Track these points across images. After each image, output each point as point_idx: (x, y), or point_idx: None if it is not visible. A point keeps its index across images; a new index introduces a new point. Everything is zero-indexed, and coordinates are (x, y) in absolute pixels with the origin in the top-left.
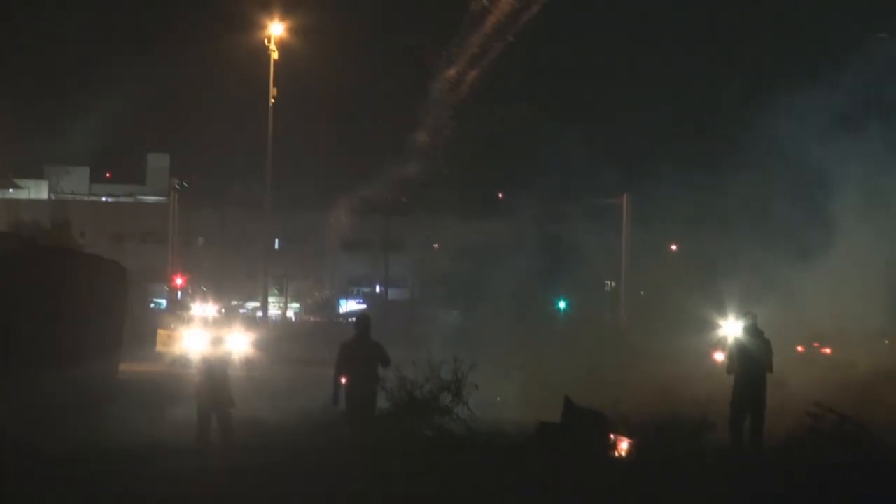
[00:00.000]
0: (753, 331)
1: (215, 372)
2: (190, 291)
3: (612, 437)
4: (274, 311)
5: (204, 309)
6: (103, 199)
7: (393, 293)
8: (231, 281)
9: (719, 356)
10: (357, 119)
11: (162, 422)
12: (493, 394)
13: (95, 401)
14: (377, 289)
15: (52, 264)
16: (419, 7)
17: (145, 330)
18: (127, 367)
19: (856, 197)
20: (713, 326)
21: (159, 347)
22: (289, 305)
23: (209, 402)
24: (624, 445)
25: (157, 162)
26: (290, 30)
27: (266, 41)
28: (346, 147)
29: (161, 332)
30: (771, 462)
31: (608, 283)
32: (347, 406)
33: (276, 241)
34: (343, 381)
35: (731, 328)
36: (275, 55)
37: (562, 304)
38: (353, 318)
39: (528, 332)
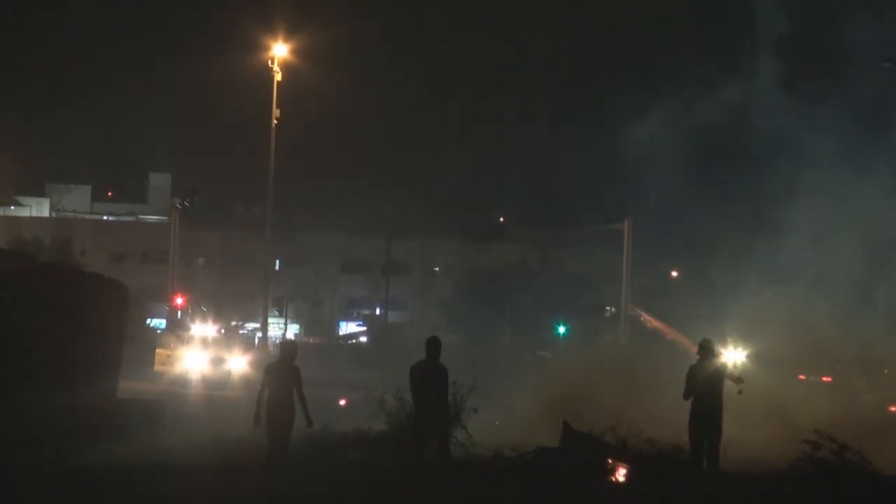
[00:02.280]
0: (709, 356)
1: (283, 392)
2: (190, 311)
3: (610, 462)
4: (274, 331)
5: (203, 329)
6: (104, 217)
7: (393, 316)
8: (231, 301)
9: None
10: (359, 141)
11: (161, 441)
12: (492, 417)
13: (94, 420)
14: (377, 311)
15: (52, 283)
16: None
17: (145, 349)
18: (126, 387)
19: (862, 223)
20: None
21: (157, 367)
22: (288, 326)
23: (278, 421)
24: (622, 471)
25: (159, 181)
26: (294, 51)
27: (269, 62)
28: (348, 169)
29: (160, 352)
30: (768, 489)
31: (608, 308)
32: (415, 427)
33: (277, 262)
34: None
35: (731, 355)
36: (278, 76)
37: (561, 329)
38: (426, 340)
39: (528, 356)
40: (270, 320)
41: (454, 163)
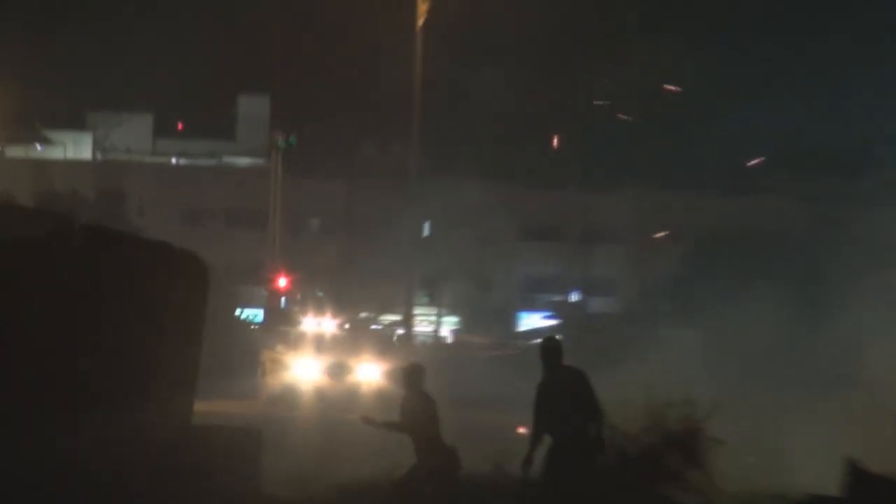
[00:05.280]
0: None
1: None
2: (299, 298)
3: None
4: (422, 327)
5: (319, 323)
6: (172, 160)
7: (596, 304)
8: (358, 283)
9: None
10: (535, 55)
11: (258, 489)
12: (745, 452)
13: (155, 457)
14: (571, 297)
15: (96, 255)
16: None
17: (232, 353)
18: (207, 408)
19: None
20: None
21: (264, 377)
22: (443, 319)
23: (428, 460)
24: None
25: (252, 107)
26: None
27: None
28: (522, 94)
29: (267, 355)
30: None
31: None
32: (545, 473)
33: (426, 225)
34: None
35: None
36: None
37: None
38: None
39: (800, 363)
40: (418, 310)
41: (684, 89)
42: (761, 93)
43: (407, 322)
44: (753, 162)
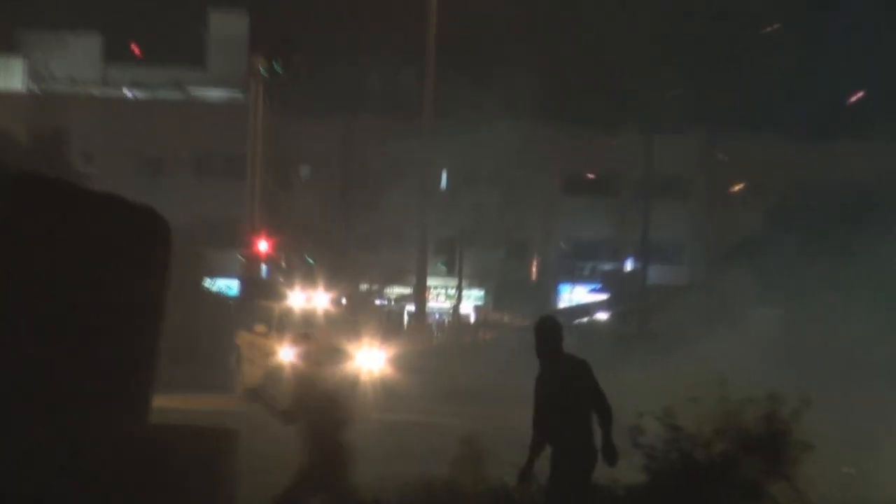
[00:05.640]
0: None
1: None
2: (284, 265)
3: None
4: (439, 303)
5: (309, 297)
6: (126, 92)
7: (656, 274)
8: (360, 247)
9: None
10: None
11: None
12: (841, 460)
13: (105, 466)
14: (625, 265)
15: (30, 210)
16: None
17: (203, 334)
18: (169, 403)
19: None
20: None
21: (240, 365)
22: (465, 293)
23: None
24: None
25: (226, 27)
26: None
27: None
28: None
29: (244, 337)
30: None
31: None
32: (550, 482)
33: (443, 175)
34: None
35: None
36: None
37: None
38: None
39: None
40: (433, 282)
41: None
42: (860, 14)
43: (419, 297)
44: (854, 97)
